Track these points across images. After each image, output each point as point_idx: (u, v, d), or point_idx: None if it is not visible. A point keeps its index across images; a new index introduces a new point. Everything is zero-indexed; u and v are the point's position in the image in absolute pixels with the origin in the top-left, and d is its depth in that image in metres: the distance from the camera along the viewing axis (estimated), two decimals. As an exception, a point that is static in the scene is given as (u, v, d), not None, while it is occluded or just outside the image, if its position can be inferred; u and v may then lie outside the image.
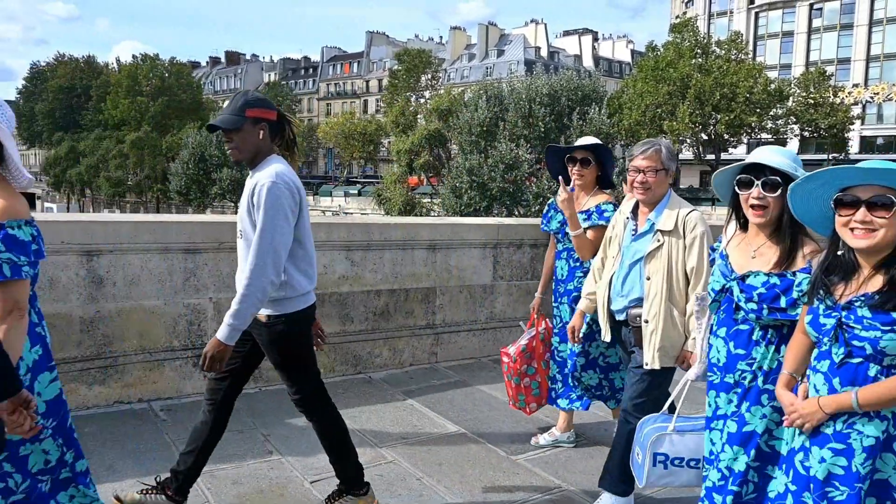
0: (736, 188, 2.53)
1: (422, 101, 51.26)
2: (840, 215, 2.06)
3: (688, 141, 39.79)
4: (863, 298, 2.00)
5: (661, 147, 3.23)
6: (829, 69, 46.65)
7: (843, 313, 2.04)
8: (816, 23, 56.65)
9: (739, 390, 2.49)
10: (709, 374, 2.66)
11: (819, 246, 2.37)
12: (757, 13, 59.57)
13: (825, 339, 2.08)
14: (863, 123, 52.13)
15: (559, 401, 4.12)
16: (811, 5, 56.36)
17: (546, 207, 4.29)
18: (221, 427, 3.18)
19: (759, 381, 2.42)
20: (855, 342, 2.01)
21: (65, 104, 70.39)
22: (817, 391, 2.12)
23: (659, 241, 3.16)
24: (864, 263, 2.06)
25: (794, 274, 2.37)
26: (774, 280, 2.41)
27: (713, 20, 60.71)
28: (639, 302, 3.23)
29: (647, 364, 3.17)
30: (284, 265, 2.84)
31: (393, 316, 5.51)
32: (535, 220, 9.50)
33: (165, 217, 4.98)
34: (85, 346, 4.29)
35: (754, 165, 2.46)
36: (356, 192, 55.49)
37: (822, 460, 2.08)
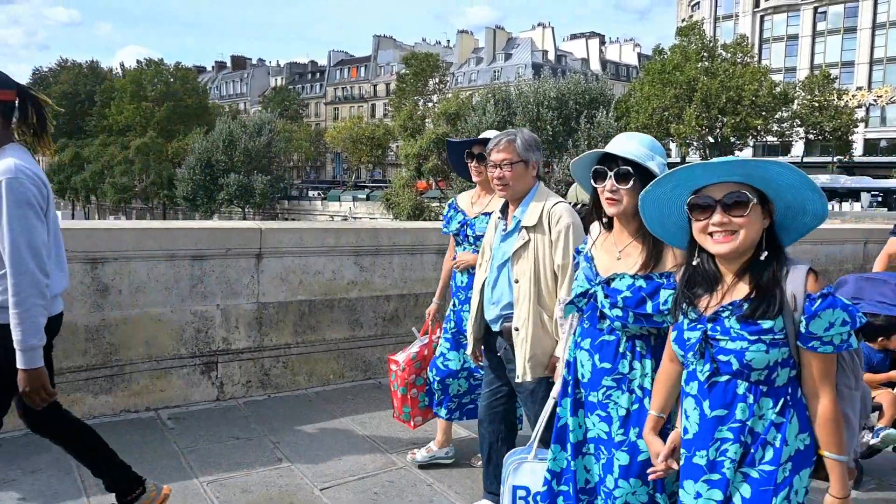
0: (592, 181, 2.29)
1: (430, 104, 51.27)
2: (696, 220, 1.85)
3: (694, 144, 39.64)
4: (730, 308, 1.82)
5: (515, 137, 2.92)
6: (834, 72, 46.50)
7: (709, 325, 1.85)
8: (821, 26, 56.72)
9: (604, 413, 2.25)
10: (575, 391, 2.36)
11: None
12: (762, 16, 59.57)
13: (690, 356, 1.89)
14: (866, 126, 52.00)
15: (439, 409, 3.76)
16: (815, 9, 56.44)
17: (447, 208, 3.90)
18: (78, 426, 2.92)
19: (646, 402, 2.16)
20: (721, 356, 1.82)
21: (68, 110, 70.75)
22: (687, 417, 1.92)
23: (524, 238, 2.85)
24: (726, 270, 1.88)
25: (661, 276, 2.15)
26: (640, 283, 2.17)
27: (719, 23, 60.74)
28: (511, 309, 2.92)
29: (518, 377, 2.86)
30: None
31: (402, 321, 5.42)
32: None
33: (171, 224, 4.90)
34: (90, 354, 4.21)
35: (610, 155, 2.24)
36: (364, 196, 55.51)
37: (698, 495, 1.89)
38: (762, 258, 1.81)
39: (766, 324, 1.77)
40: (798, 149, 49.16)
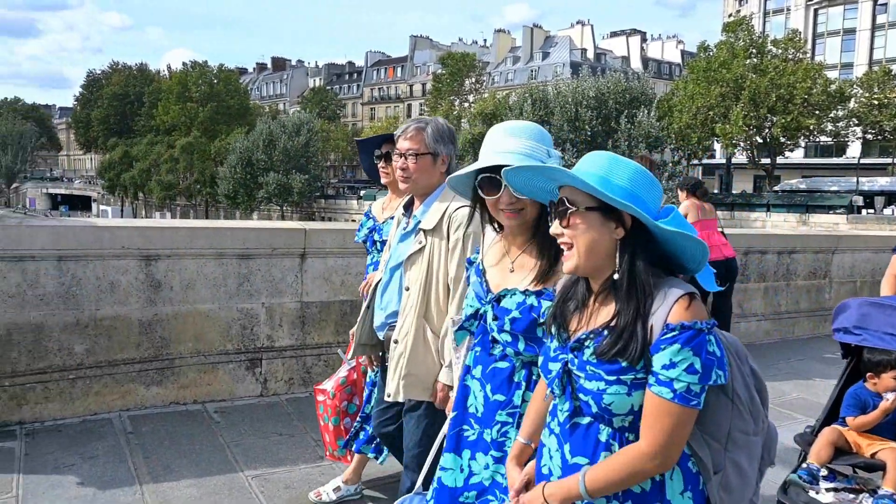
0: (479, 191, 1.98)
1: (466, 104, 51.26)
2: (552, 226, 1.62)
3: (741, 144, 38.64)
4: (591, 336, 1.55)
5: (426, 126, 2.62)
6: (895, 68, 44.49)
7: (571, 356, 1.57)
8: (881, 19, 53.81)
9: (499, 454, 1.93)
10: (464, 427, 2.03)
11: None
12: (816, 10, 57.39)
13: (555, 388, 1.62)
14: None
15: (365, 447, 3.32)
16: (875, 1, 53.88)
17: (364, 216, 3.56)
18: None
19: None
20: (581, 395, 1.55)
21: (119, 110, 72.76)
22: (550, 457, 1.64)
23: (420, 242, 2.55)
24: (594, 285, 1.60)
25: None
26: (532, 300, 1.86)
27: (769, 18, 58.86)
28: (396, 318, 2.66)
29: (388, 395, 2.59)
30: None
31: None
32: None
33: (220, 223, 5.04)
34: (143, 347, 4.36)
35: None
36: (402, 196, 55.52)
37: None
38: (615, 276, 1.52)
39: (625, 362, 1.48)
40: (854, 149, 47.10)
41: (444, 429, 2.18)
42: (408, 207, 2.77)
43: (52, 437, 3.95)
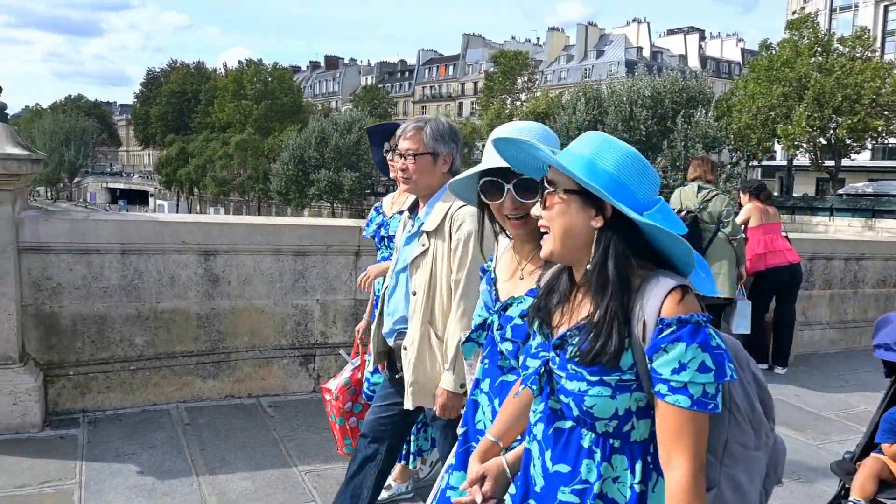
0: (482, 196, 1.90)
1: (518, 103, 50.95)
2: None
3: (804, 146, 37.17)
4: (576, 332, 1.43)
5: (425, 125, 2.57)
6: (970, 67, 42.02)
7: (553, 353, 1.46)
8: (956, 16, 51.42)
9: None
10: (472, 444, 1.92)
11: None
12: (886, 7, 54.73)
13: (535, 388, 1.51)
14: None
15: None
16: (950, -4, 51.21)
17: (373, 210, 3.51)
18: None
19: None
20: (562, 397, 1.43)
21: (176, 108, 74.92)
22: (533, 465, 1.53)
23: (424, 244, 2.51)
24: (577, 276, 1.50)
25: None
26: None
27: (835, 15, 56.42)
28: (404, 324, 2.61)
29: (405, 404, 2.55)
30: None
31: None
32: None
33: (277, 220, 5.09)
34: (201, 341, 4.44)
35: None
36: (449, 194, 55.63)
37: None
38: (587, 268, 1.41)
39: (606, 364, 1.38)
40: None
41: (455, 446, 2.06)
42: (413, 209, 2.71)
43: (113, 426, 4.06)
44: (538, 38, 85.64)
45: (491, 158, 1.86)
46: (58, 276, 4.12)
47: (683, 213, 5.87)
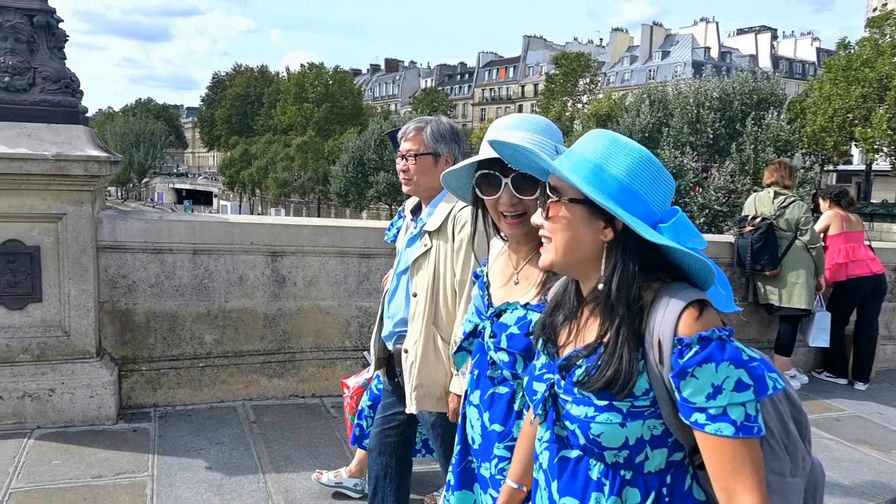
0: (477, 191, 1.75)
1: (579, 105, 50.30)
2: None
3: (884, 150, 35.33)
4: (584, 353, 1.30)
5: (425, 125, 2.55)
6: None
7: (558, 376, 1.33)
8: None
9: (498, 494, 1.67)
10: (470, 459, 1.81)
11: None
12: (974, 4, 51.66)
13: (541, 413, 1.37)
14: None
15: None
16: None
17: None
18: None
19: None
20: (567, 423, 1.31)
21: (240, 110, 77.20)
22: (541, 497, 1.40)
23: (426, 245, 2.46)
24: (583, 291, 1.37)
25: None
26: (533, 316, 1.61)
27: (919, 13, 53.52)
28: (405, 326, 2.56)
29: (408, 408, 2.49)
30: None
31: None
32: (713, 237, 8.80)
33: (342, 222, 5.15)
34: (267, 340, 4.51)
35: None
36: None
37: None
38: (599, 287, 1.27)
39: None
40: None
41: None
42: (416, 211, 2.67)
43: (182, 421, 4.16)
44: (601, 39, 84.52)
45: (488, 149, 1.71)
46: (133, 274, 4.26)
47: (759, 219, 5.64)
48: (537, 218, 1.32)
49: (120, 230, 4.20)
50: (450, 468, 1.93)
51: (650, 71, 68.90)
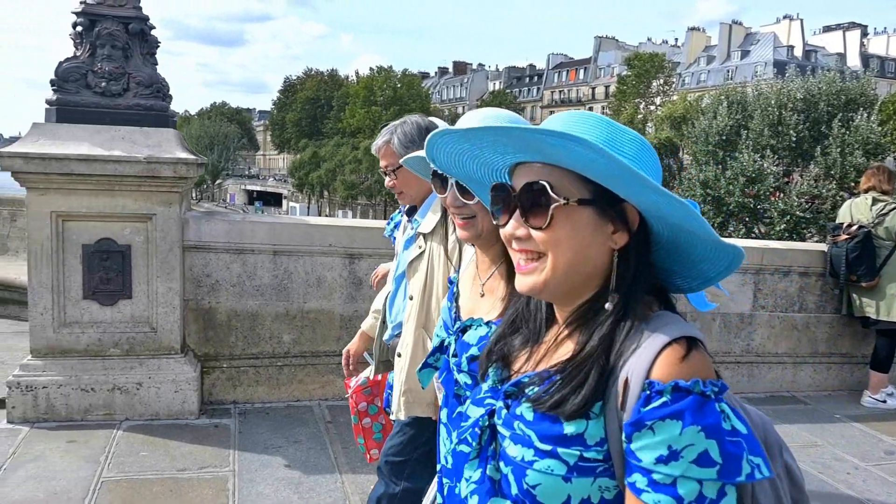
0: (434, 190, 1.64)
1: (652, 107, 49.09)
2: (499, 224, 1.11)
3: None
4: (537, 379, 1.05)
5: (391, 137, 2.51)
6: None
7: (501, 403, 1.09)
8: None
9: None
10: (444, 480, 1.65)
11: None
12: None
13: (473, 446, 1.13)
14: None
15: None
16: None
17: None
18: None
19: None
20: (503, 465, 1.06)
21: (310, 113, 79.07)
22: None
23: (420, 247, 2.39)
24: (559, 313, 1.11)
25: None
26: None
27: None
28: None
29: (392, 412, 2.39)
30: None
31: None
32: (805, 245, 8.36)
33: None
34: (343, 341, 4.51)
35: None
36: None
37: None
38: (606, 307, 1.02)
39: (570, 426, 0.97)
40: None
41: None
42: (412, 212, 2.64)
43: (260, 419, 4.24)
44: (676, 39, 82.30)
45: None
46: (216, 273, 4.38)
47: (855, 227, 5.31)
48: (516, 228, 1.04)
49: (205, 230, 4.33)
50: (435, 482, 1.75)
51: (728, 71, 66.53)
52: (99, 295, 4.11)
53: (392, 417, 2.45)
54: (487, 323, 1.50)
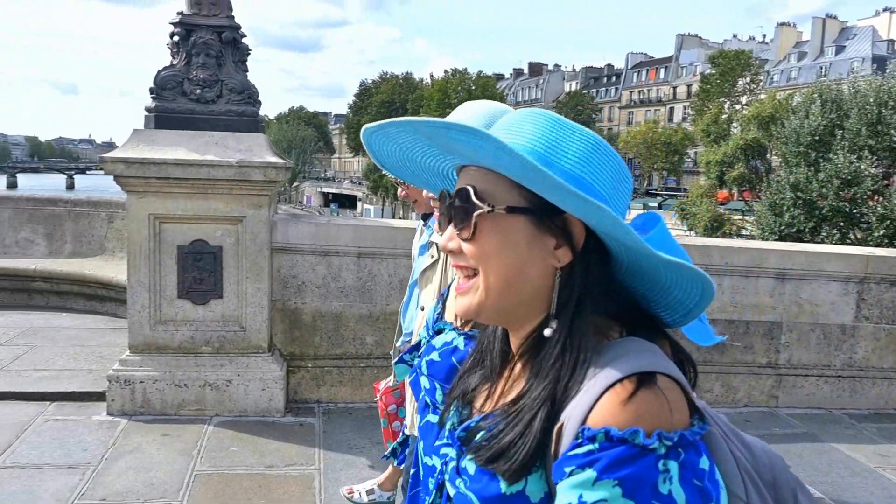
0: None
1: (738, 107, 47.14)
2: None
3: None
4: (483, 423, 0.92)
5: None
6: None
7: (454, 452, 0.95)
8: None
9: None
10: (417, 486, 1.43)
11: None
12: None
13: (429, 501, 1.01)
14: None
15: None
16: None
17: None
18: None
19: None
20: None
21: (385, 116, 77.58)
22: None
23: (433, 256, 2.38)
24: (512, 341, 0.96)
25: None
26: (459, 342, 1.22)
27: None
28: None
29: (406, 429, 2.35)
30: None
31: (728, 349, 4.89)
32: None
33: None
34: (424, 345, 4.55)
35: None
36: (656, 204, 53.42)
37: None
38: (546, 333, 0.87)
39: (504, 484, 0.84)
40: None
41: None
42: (426, 217, 2.61)
43: (343, 419, 4.29)
44: (764, 36, 78.87)
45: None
46: (302, 274, 4.47)
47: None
48: (450, 240, 0.93)
49: (292, 233, 4.42)
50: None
51: (821, 68, 63.08)
52: (192, 294, 4.27)
53: (407, 432, 2.43)
54: (455, 329, 1.32)
